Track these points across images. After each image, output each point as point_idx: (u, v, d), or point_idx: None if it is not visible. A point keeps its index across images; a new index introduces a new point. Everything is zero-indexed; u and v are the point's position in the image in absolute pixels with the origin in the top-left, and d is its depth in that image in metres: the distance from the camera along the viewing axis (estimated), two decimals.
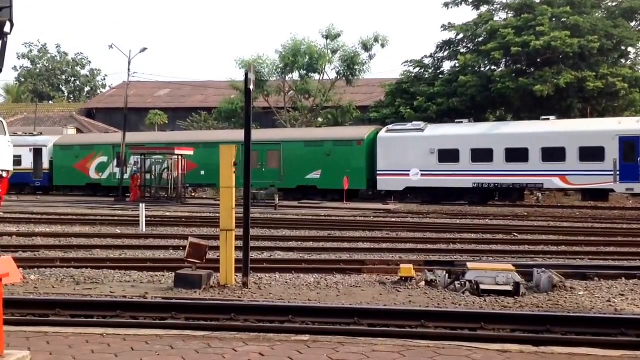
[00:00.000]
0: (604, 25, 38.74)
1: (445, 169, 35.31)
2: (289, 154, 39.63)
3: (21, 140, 47.76)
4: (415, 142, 36.08)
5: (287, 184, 39.39)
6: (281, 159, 39.85)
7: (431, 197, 36.04)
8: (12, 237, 19.20)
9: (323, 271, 12.88)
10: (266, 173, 39.57)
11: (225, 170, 11.59)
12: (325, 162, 38.47)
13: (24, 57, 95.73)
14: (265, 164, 40.03)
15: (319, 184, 38.71)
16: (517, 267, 11.43)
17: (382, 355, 6.67)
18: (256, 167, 39.01)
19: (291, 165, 39.37)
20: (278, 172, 39.80)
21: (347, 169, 37.37)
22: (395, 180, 36.49)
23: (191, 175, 40.86)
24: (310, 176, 38.82)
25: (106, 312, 8.86)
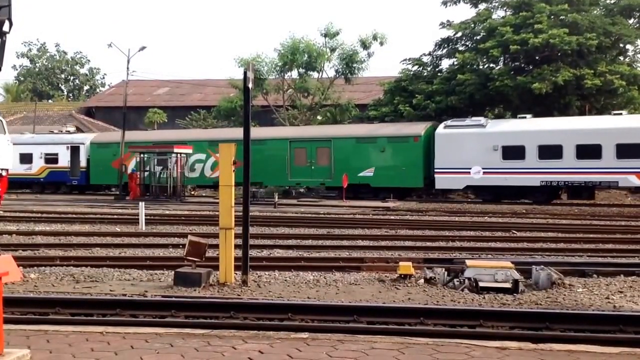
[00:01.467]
0: (602, 22, 38.75)
1: (509, 167, 33.88)
2: (340, 150, 38.62)
3: (57, 138, 47.47)
4: (477, 139, 34.74)
5: (338, 182, 38.06)
6: (332, 156, 38.83)
7: (492, 196, 34.86)
8: (12, 235, 19.21)
9: (322, 269, 12.90)
10: (316, 171, 38.90)
11: (224, 169, 11.62)
12: (379, 159, 37.50)
13: (23, 56, 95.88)
14: (315, 161, 39.24)
15: (372, 182, 37.63)
16: (516, 265, 11.44)
17: (381, 353, 6.69)
18: (305, 164, 39.15)
19: (342, 163, 38.25)
20: (328, 170, 38.79)
21: (403, 166, 36.54)
22: (455, 178, 35.26)
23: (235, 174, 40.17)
24: (363, 174, 37.66)
25: (106, 311, 8.87)
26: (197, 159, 41.78)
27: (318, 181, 38.90)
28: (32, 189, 46.75)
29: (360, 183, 37.71)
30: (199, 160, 41.82)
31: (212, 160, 41.01)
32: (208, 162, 41.50)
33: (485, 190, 35.23)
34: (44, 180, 46.66)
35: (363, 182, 37.67)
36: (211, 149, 40.73)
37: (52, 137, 48.19)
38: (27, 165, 46.19)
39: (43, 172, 46.48)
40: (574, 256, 15.01)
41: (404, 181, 36.68)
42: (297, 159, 39.66)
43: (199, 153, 41.39)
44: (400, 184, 37.08)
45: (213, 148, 40.30)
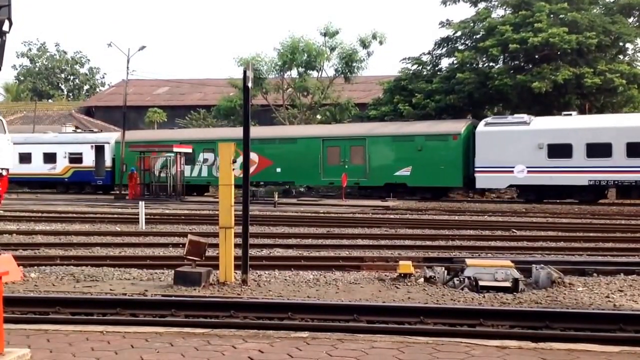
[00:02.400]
0: (601, 21, 38.74)
1: (555, 165, 32.95)
2: (375, 149, 37.81)
3: (82, 137, 46.65)
4: (520, 136, 33.65)
5: (373, 181, 37.76)
6: (366, 154, 38.01)
7: (536, 195, 34.01)
8: (12, 235, 19.23)
9: (322, 268, 12.91)
10: (349, 170, 37.97)
11: (224, 168, 11.62)
12: (416, 158, 36.51)
13: (23, 56, 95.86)
14: (349, 160, 38.44)
15: (409, 182, 36.77)
16: (516, 264, 11.44)
17: (381, 352, 6.69)
18: (338, 163, 38.37)
19: (378, 162, 37.54)
20: (363, 169, 37.98)
21: (441, 165, 35.63)
22: (497, 177, 34.31)
23: (265, 173, 39.76)
24: (400, 173, 36.84)
25: (106, 310, 8.88)
26: None
27: (352, 180, 37.85)
28: (57, 189, 46.03)
29: (397, 182, 37.06)
30: None
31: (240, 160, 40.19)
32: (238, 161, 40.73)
33: (529, 189, 34.32)
34: (68, 181, 45.87)
35: (399, 182, 37.01)
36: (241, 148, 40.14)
37: (76, 136, 47.46)
38: (51, 165, 45.66)
39: (67, 172, 45.69)
40: (574, 255, 15.02)
41: (442, 180, 35.95)
42: (330, 157, 38.93)
43: None
44: (438, 183, 36.41)
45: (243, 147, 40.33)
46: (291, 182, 39.76)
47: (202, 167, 41.92)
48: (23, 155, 45.95)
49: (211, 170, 41.27)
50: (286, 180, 40.06)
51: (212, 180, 40.80)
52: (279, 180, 40.06)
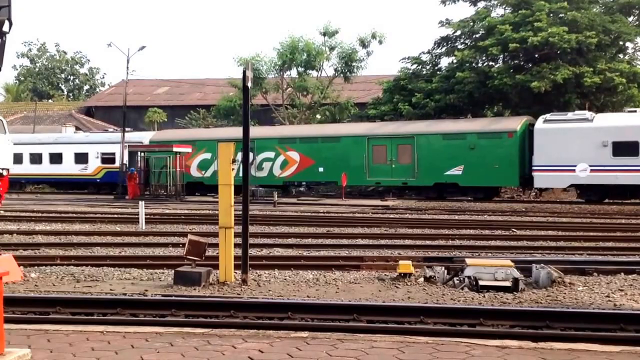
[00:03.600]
0: (601, 20, 38.70)
1: (621, 164, 31.41)
2: (424, 148, 36.46)
3: (114, 136, 45.38)
4: (582, 134, 32.10)
5: (421, 181, 36.59)
6: (415, 153, 36.66)
7: (599, 195, 32.83)
8: (13, 235, 19.23)
9: (322, 268, 12.91)
10: (397, 169, 37.00)
11: (223, 168, 11.62)
12: (468, 157, 35.16)
13: (23, 56, 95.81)
14: (396, 159, 37.17)
15: (461, 181, 35.55)
16: (516, 263, 11.44)
17: (381, 352, 6.69)
18: (385, 162, 37.34)
19: (427, 161, 36.19)
20: (411, 168, 36.75)
21: (495, 164, 34.35)
22: (557, 176, 32.93)
23: (307, 173, 39.05)
24: (450, 172, 35.55)
25: (106, 310, 8.88)
26: (266, 157, 40.13)
27: (399, 180, 37.00)
28: (88, 190, 45.32)
29: (447, 182, 35.98)
30: (268, 159, 40.16)
31: (282, 159, 39.81)
32: (277, 160, 39.92)
33: (592, 189, 32.97)
34: (100, 181, 44.97)
35: (450, 181, 35.89)
36: (281, 147, 39.72)
37: (108, 135, 46.60)
38: (82, 166, 45.01)
39: (99, 172, 44.83)
40: (574, 254, 15.01)
41: (496, 180, 35.09)
42: (376, 157, 37.76)
43: (267, 151, 39.95)
44: (492, 183, 35.54)
45: (283, 146, 39.42)
46: (334, 182, 38.74)
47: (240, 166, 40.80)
48: (53, 155, 45.68)
49: None
50: (329, 180, 39.12)
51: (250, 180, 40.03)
52: (321, 180, 39.31)
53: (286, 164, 39.79)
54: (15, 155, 46.19)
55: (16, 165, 46.26)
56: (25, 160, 46.30)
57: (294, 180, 39.90)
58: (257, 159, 40.03)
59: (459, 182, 35.65)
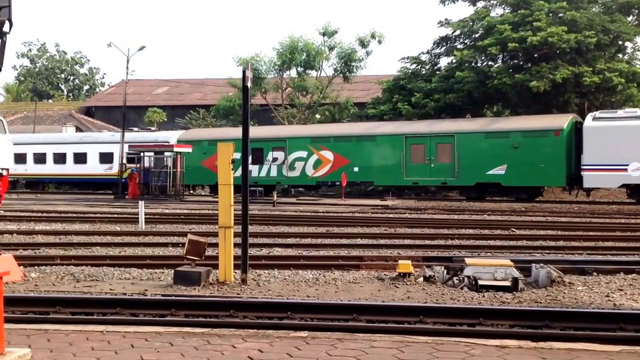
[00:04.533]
0: (600, 20, 38.74)
1: None
2: (465, 147, 35.66)
3: (140, 136, 44.62)
4: (635, 132, 31.33)
5: (462, 180, 35.88)
6: (455, 152, 35.90)
7: None
8: (13, 235, 19.22)
9: (321, 267, 12.90)
10: (436, 169, 36.30)
11: (223, 168, 11.62)
12: (511, 156, 34.35)
13: (23, 56, 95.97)
14: (435, 158, 36.44)
15: (504, 181, 34.75)
16: (516, 263, 11.43)
17: (381, 351, 6.69)
18: (423, 162, 36.64)
19: (468, 160, 35.37)
20: (451, 168, 35.98)
21: (541, 163, 33.49)
22: (608, 176, 31.99)
23: (341, 172, 38.00)
24: (493, 172, 34.75)
25: (106, 310, 8.87)
26: (298, 156, 39.51)
27: (439, 180, 36.41)
28: (113, 190, 43.85)
29: (489, 182, 35.18)
30: (300, 158, 39.50)
31: (315, 158, 39.17)
32: (310, 159, 39.27)
33: None
34: (125, 181, 42.97)
35: (493, 181, 35.05)
36: (314, 146, 39.13)
37: (134, 135, 45.41)
38: (107, 165, 44.42)
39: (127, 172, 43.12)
40: (573, 254, 15.00)
41: (541, 179, 34.23)
42: (414, 156, 37.00)
43: (299, 150, 39.43)
44: (536, 183, 34.83)
45: (317, 145, 38.83)
46: (370, 182, 38.25)
47: (272, 166, 40.20)
48: (77, 155, 45.18)
49: (281, 170, 39.92)
50: (364, 180, 38.39)
51: (282, 180, 39.84)
52: (356, 180, 38.30)
53: (319, 163, 39.14)
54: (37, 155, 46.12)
55: (39, 166, 46.20)
56: (49, 160, 46.10)
57: (327, 180, 39.17)
58: (289, 159, 39.52)
59: (501, 182, 34.88)
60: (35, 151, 46.91)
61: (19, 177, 47.41)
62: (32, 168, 46.98)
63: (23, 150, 46.52)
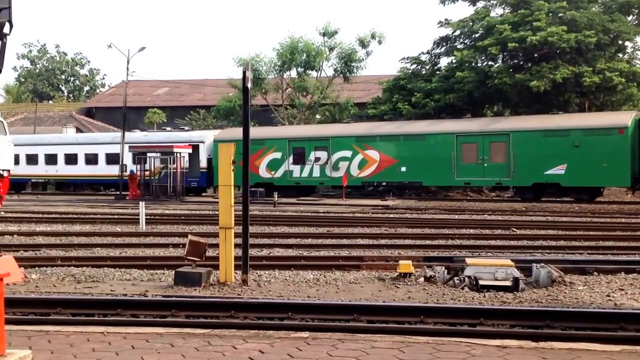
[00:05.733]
0: (600, 19, 38.72)
1: None
2: (521, 145, 34.37)
3: (174, 135, 43.62)
4: None
5: (518, 181, 34.78)
6: (510, 152, 34.70)
7: None
8: (13, 236, 19.22)
9: (322, 268, 12.91)
10: (489, 168, 35.18)
11: (223, 169, 11.63)
12: (571, 155, 32.99)
13: (23, 57, 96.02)
14: (488, 158, 35.28)
15: (563, 181, 33.41)
16: (516, 262, 11.44)
17: (382, 352, 6.69)
18: (476, 161, 35.58)
19: (524, 159, 34.13)
20: (506, 167, 34.82)
21: (603, 162, 32.13)
22: None
23: (388, 172, 37.43)
24: (551, 172, 33.44)
25: (107, 311, 8.87)
26: (342, 156, 38.59)
27: (492, 180, 35.46)
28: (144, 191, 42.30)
29: (548, 182, 33.91)
30: (344, 158, 38.54)
31: (359, 158, 38.20)
32: (355, 159, 38.30)
33: None
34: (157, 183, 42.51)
35: (551, 181, 33.80)
36: (359, 145, 38.22)
37: (167, 135, 44.54)
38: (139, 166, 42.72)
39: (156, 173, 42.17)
40: (574, 254, 15.00)
41: (604, 179, 33.14)
42: (465, 155, 35.81)
43: (343, 150, 38.53)
44: (598, 183, 33.89)
45: (362, 144, 38.01)
46: (418, 182, 37.29)
47: (314, 166, 39.27)
48: (110, 156, 44.47)
49: (324, 170, 39.01)
50: (412, 181, 37.42)
51: (325, 181, 39.24)
52: (404, 180, 37.50)
53: (365, 163, 38.13)
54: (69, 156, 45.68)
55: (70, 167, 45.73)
56: (80, 161, 45.48)
57: (373, 180, 38.28)
58: (332, 158, 38.67)
59: (560, 182, 33.68)
60: (67, 152, 46.19)
61: (50, 178, 47.21)
62: (63, 169, 46.28)
63: (54, 151, 46.40)
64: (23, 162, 46.33)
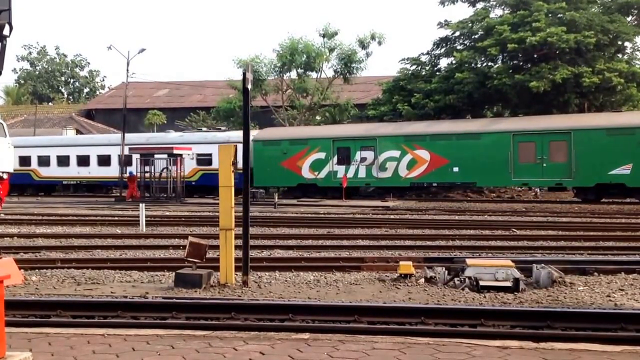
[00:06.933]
0: (600, 20, 38.76)
1: None
2: (583, 144, 33.11)
3: (211, 136, 42.26)
4: None
5: (580, 181, 33.49)
6: (571, 151, 33.49)
7: None
8: (14, 238, 19.22)
9: (322, 269, 12.91)
10: (548, 168, 33.96)
11: (224, 170, 11.63)
12: (638, 155, 31.95)
13: (23, 59, 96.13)
14: (547, 157, 34.07)
15: (629, 182, 32.25)
16: (516, 263, 11.44)
17: (382, 353, 6.68)
18: (534, 161, 34.43)
19: (586, 159, 32.88)
20: (566, 167, 33.63)
21: None
22: None
23: (438, 173, 36.46)
24: (616, 172, 32.24)
25: (107, 313, 8.86)
26: (389, 156, 37.50)
27: (552, 181, 34.18)
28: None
29: (611, 182, 32.70)
30: (392, 158, 37.45)
31: (408, 158, 37.11)
32: (403, 159, 37.24)
33: None
34: (196, 184, 42.23)
35: (615, 182, 32.60)
36: (408, 145, 37.19)
37: (204, 135, 43.28)
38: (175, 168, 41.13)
39: (195, 174, 42.02)
40: (574, 254, 15.01)
41: None
42: (523, 155, 34.60)
43: (391, 150, 37.49)
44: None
45: (411, 143, 37.05)
46: (472, 183, 36.48)
47: (360, 166, 38.26)
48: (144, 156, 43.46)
49: (370, 170, 38.01)
50: (465, 182, 36.54)
51: (372, 182, 38.21)
52: (456, 181, 36.63)
53: (414, 163, 37.02)
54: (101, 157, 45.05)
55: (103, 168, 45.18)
56: (114, 163, 44.68)
57: (423, 181, 37.28)
58: (379, 159, 37.71)
59: (625, 183, 32.46)
60: (99, 153, 45.57)
61: (82, 180, 46.39)
62: (96, 171, 45.65)
63: (86, 152, 45.84)
64: (54, 164, 46.20)
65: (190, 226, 22.62)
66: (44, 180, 47.06)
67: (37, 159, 46.88)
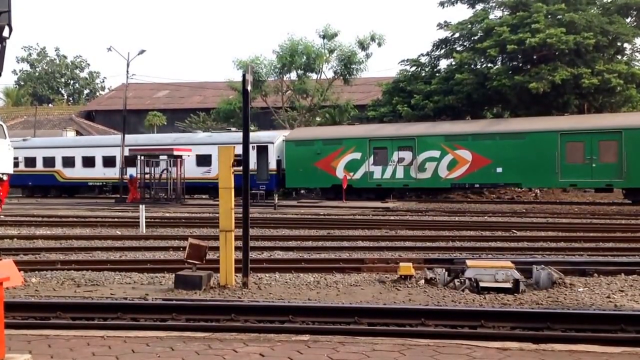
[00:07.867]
0: (599, 21, 38.76)
1: None
2: (635, 144, 31.91)
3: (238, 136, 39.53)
4: None
5: (632, 182, 32.26)
6: (622, 151, 32.27)
7: None
8: (13, 240, 19.22)
9: (323, 270, 12.90)
10: (598, 169, 32.80)
11: (224, 171, 11.62)
12: None
13: (23, 61, 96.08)
14: (596, 157, 32.89)
15: None
16: (516, 264, 11.44)
17: (383, 354, 6.68)
18: (582, 161, 33.35)
19: (638, 159, 31.75)
20: (617, 168, 32.45)
21: None
22: None
23: (481, 174, 35.50)
24: None
25: (107, 314, 8.86)
26: (429, 156, 36.65)
27: (602, 182, 32.98)
28: (210, 194, 40.40)
29: None
30: (431, 159, 36.62)
31: (449, 158, 36.20)
32: (444, 160, 36.33)
33: None
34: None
35: None
36: (448, 145, 36.28)
37: (233, 135, 40.68)
38: (205, 168, 40.77)
39: None
40: (574, 255, 15.01)
41: None
42: (570, 155, 33.47)
43: (430, 150, 36.60)
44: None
45: (451, 143, 36.16)
46: (517, 184, 35.71)
47: (397, 167, 37.35)
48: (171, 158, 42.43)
49: (408, 171, 37.12)
50: (509, 182, 35.81)
51: (410, 183, 37.35)
52: (499, 182, 35.87)
53: (455, 164, 36.03)
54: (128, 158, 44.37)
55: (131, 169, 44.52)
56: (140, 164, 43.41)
57: (464, 182, 36.44)
58: (418, 159, 36.86)
59: None
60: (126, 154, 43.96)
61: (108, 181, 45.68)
62: None
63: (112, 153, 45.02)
64: (79, 165, 45.83)
65: (190, 227, 22.60)
66: (68, 182, 46.62)
67: (62, 159, 46.36)
